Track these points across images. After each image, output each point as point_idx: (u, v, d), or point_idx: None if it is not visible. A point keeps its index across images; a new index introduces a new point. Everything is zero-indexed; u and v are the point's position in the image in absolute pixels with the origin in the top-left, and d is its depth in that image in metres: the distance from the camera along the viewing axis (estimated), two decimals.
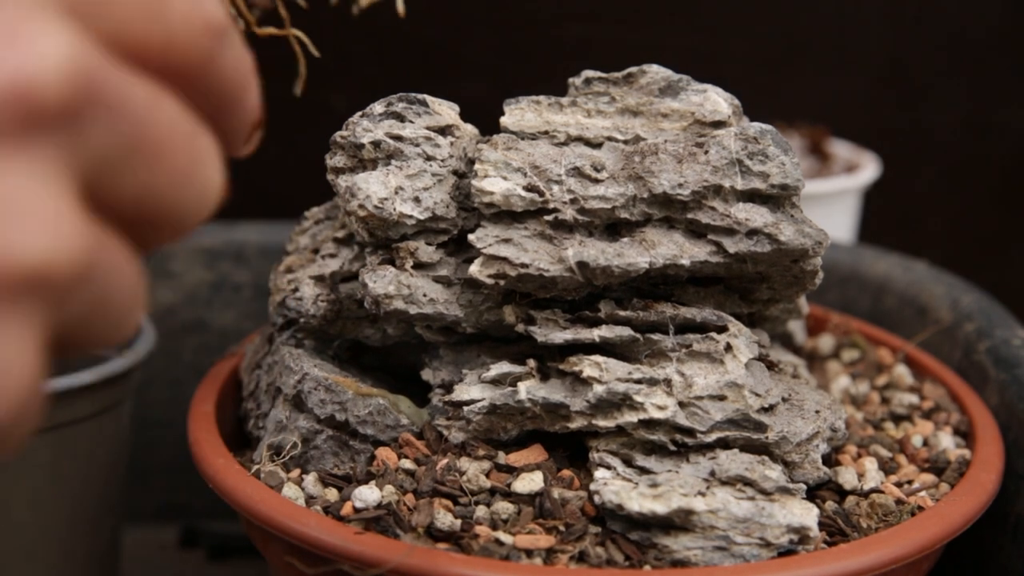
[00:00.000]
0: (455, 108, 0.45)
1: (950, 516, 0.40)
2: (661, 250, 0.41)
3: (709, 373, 0.40)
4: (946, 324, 0.58)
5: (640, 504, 0.37)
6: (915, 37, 1.06)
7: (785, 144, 0.42)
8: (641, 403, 0.39)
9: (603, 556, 0.37)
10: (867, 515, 0.41)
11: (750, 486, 0.39)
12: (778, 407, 0.41)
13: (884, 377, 0.53)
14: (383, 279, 0.42)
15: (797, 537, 0.38)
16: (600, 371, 0.40)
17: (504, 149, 0.42)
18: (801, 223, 0.42)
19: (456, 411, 0.42)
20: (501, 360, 0.42)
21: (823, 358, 0.56)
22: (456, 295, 0.43)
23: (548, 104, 0.44)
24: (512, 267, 0.40)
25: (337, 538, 0.36)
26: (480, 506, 0.39)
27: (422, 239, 0.43)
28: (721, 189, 0.41)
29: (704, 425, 0.40)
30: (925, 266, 0.65)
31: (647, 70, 0.44)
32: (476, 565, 0.35)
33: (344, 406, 0.43)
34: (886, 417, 0.50)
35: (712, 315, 0.42)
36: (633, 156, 0.42)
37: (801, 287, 0.44)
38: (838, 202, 0.86)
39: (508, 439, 0.42)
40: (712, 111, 0.43)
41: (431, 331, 0.44)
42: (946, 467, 0.45)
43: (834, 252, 0.68)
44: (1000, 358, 0.52)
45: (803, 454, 0.41)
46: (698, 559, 0.37)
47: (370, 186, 0.42)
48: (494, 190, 0.41)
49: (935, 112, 1.07)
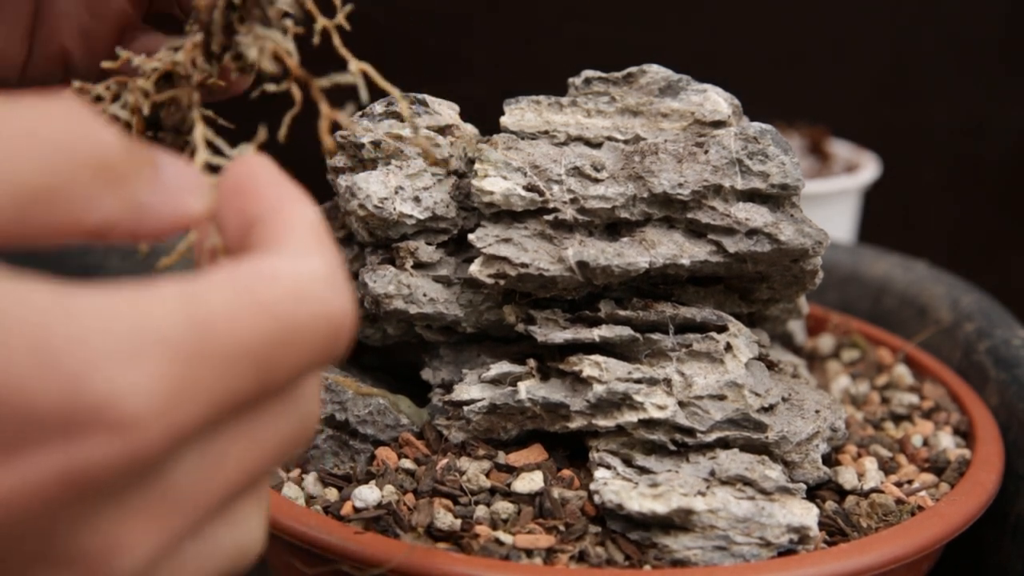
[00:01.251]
0: (455, 108, 0.45)
1: (950, 516, 0.40)
2: (661, 250, 0.41)
3: (709, 373, 0.40)
4: (946, 324, 0.58)
5: (640, 504, 0.37)
6: (915, 37, 1.06)
7: (785, 144, 0.42)
8: (641, 403, 0.39)
9: (603, 556, 0.37)
10: (867, 515, 0.41)
11: (750, 486, 0.39)
12: (778, 407, 0.41)
13: (884, 377, 0.53)
14: (383, 279, 0.42)
15: (797, 537, 0.38)
16: (600, 371, 0.40)
17: (504, 149, 0.42)
18: (801, 223, 0.42)
19: (456, 411, 0.42)
20: (501, 360, 0.42)
21: (823, 358, 0.56)
22: (456, 295, 0.43)
23: (548, 104, 0.44)
24: (512, 267, 0.40)
25: (337, 538, 0.36)
26: (480, 506, 0.39)
27: (422, 239, 0.43)
28: (721, 189, 0.41)
29: (704, 425, 0.40)
30: (925, 266, 0.65)
31: (647, 70, 0.44)
32: (476, 565, 0.35)
33: (344, 406, 0.43)
34: (886, 417, 0.50)
35: (712, 315, 0.42)
36: (633, 156, 0.42)
37: (801, 287, 0.44)
38: (838, 202, 0.86)
39: (508, 439, 0.42)
40: (712, 111, 0.43)
41: (431, 331, 0.44)
42: (946, 467, 0.45)
43: (834, 252, 0.68)
44: (1000, 358, 0.52)
45: (803, 454, 0.41)
46: (698, 559, 0.37)
47: (370, 186, 0.42)
48: (494, 190, 0.41)
49: (935, 112, 1.07)
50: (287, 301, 0.22)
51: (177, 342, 0.20)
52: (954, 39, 1.05)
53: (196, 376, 0.20)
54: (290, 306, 0.22)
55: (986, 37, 1.05)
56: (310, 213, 0.24)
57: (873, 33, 1.06)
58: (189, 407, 0.20)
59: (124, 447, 0.19)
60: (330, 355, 0.23)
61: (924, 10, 1.04)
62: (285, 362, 0.22)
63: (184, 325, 0.20)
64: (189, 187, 0.24)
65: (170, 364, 0.20)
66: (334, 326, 0.23)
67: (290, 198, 0.25)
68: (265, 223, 0.24)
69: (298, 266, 0.23)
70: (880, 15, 1.05)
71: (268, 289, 0.22)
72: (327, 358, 0.23)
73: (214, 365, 0.20)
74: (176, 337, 0.20)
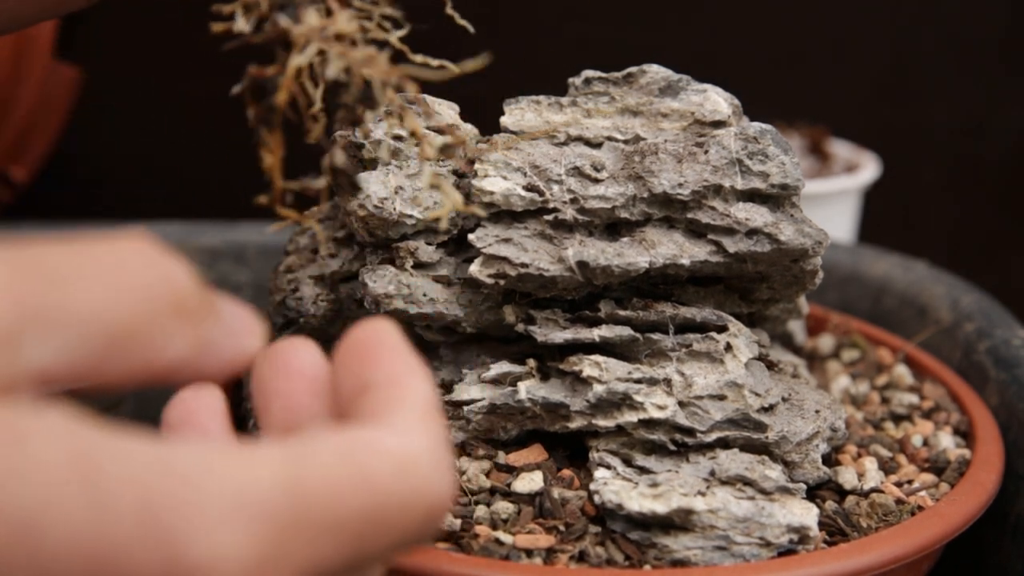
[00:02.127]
0: (455, 108, 0.45)
1: (950, 516, 0.40)
2: (661, 250, 0.41)
3: (709, 373, 0.40)
4: (946, 324, 0.58)
5: (640, 504, 0.37)
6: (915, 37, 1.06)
7: (785, 144, 0.42)
8: (641, 403, 0.39)
9: (603, 556, 0.37)
10: (867, 515, 0.41)
11: (750, 486, 0.39)
12: (778, 407, 0.41)
13: (884, 377, 0.53)
14: (383, 279, 0.42)
15: (797, 537, 0.38)
16: (600, 371, 0.40)
17: (504, 149, 0.42)
18: (801, 223, 0.42)
19: (456, 411, 0.42)
20: (501, 360, 0.42)
21: (823, 358, 0.56)
22: (456, 295, 0.43)
23: (548, 104, 0.44)
24: (512, 267, 0.40)
25: None
26: (480, 506, 0.39)
27: (422, 239, 0.43)
28: (721, 189, 0.41)
29: (704, 425, 0.40)
30: (925, 266, 0.65)
31: (647, 70, 0.44)
32: (476, 565, 0.35)
33: None
34: (886, 417, 0.50)
35: (712, 315, 0.42)
36: (633, 156, 0.42)
37: (801, 287, 0.44)
38: (838, 202, 0.86)
39: (508, 439, 0.42)
40: (712, 111, 0.43)
41: (431, 331, 0.44)
42: (946, 467, 0.45)
43: (834, 252, 0.68)
44: (1000, 358, 0.52)
45: (803, 454, 0.41)
46: (698, 559, 0.37)
47: (370, 186, 0.42)
48: (494, 190, 0.41)
49: (935, 112, 1.07)
50: (390, 477, 0.22)
51: (277, 507, 0.20)
52: (954, 39, 1.05)
53: (290, 544, 0.20)
54: (393, 482, 0.22)
55: (986, 37, 1.05)
56: (425, 389, 0.24)
57: (873, 33, 1.06)
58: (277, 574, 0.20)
59: None
60: (422, 538, 0.23)
61: (924, 10, 1.04)
62: (378, 539, 0.21)
63: (285, 488, 0.20)
64: (247, 327, 0.24)
65: (267, 530, 0.19)
66: (432, 508, 0.22)
67: (408, 371, 0.25)
68: (379, 391, 0.24)
69: (405, 443, 0.22)
70: (880, 15, 1.05)
71: (373, 462, 0.21)
72: (418, 540, 0.23)
73: (310, 534, 0.20)
74: (277, 501, 0.20)
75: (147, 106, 1.05)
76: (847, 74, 1.07)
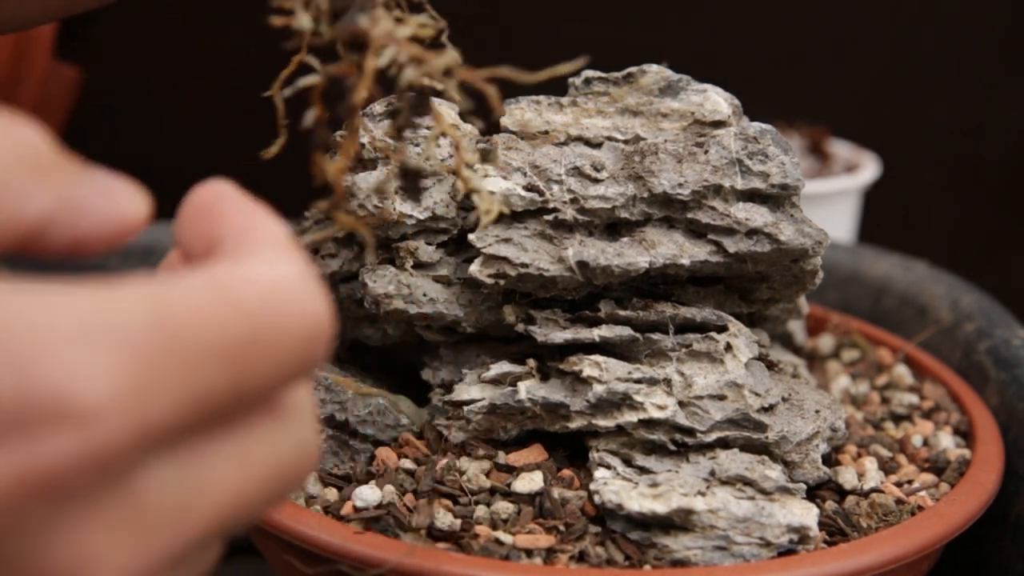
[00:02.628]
0: (455, 108, 0.45)
1: (950, 516, 0.40)
2: (661, 250, 0.41)
3: (709, 373, 0.40)
4: (946, 324, 0.58)
5: (640, 504, 0.37)
6: (915, 37, 1.06)
7: (785, 144, 0.42)
8: (641, 403, 0.39)
9: (603, 556, 0.37)
10: (867, 515, 0.41)
11: (750, 486, 0.39)
12: (778, 407, 0.41)
13: (884, 377, 0.53)
14: (383, 279, 0.42)
15: (797, 537, 0.38)
16: (600, 371, 0.40)
17: (504, 149, 0.42)
18: (801, 223, 0.42)
19: (456, 411, 0.42)
20: (501, 360, 0.42)
21: (823, 358, 0.56)
22: (456, 295, 0.43)
23: (548, 104, 0.44)
24: (512, 267, 0.40)
25: (337, 538, 0.36)
26: (480, 506, 0.39)
27: (422, 239, 0.43)
28: (721, 189, 0.41)
29: (704, 425, 0.40)
30: (925, 266, 0.65)
31: (647, 70, 0.44)
32: (476, 565, 0.35)
33: (344, 406, 0.43)
34: (886, 417, 0.50)
35: (712, 315, 0.42)
36: (633, 156, 0.42)
37: (801, 287, 0.44)
38: (838, 202, 0.86)
39: (508, 439, 0.42)
40: (712, 111, 0.43)
41: (431, 331, 0.44)
42: (946, 467, 0.45)
43: (834, 252, 0.68)
44: (1000, 358, 0.52)
45: (803, 454, 0.41)
46: (698, 559, 0.37)
47: (370, 186, 0.42)
48: (494, 190, 0.41)
49: (935, 112, 1.07)
50: (260, 299, 0.21)
51: (141, 336, 0.19)
52: (954, 39, 1.05)
53: (162, 371, 0.19)
54: (264, 304, 0.21)
55: (986, 37, 1.05)
56: (279, 228, 0.24)
57: (873, 33, 1.06)
58: (154, 403, 0.19)
59: (84, 441, 0.18)
60: (309, 359, 0.22)
61: (924, 10, 1.04)
62: (261, 363, 0.21)
63: (149, 320, 0.19)
64: (123, 190, 0.24)
65: (133, 357, 0.19)
66: (311, 327, 0.22)
67: (258, 216, 0.24)
68: (234, 240, 0.24)
69: (271, 270, 0.22)
70: (880, 15, 1.05)
71: (241, 287, 0.21)
72: (306, 362, 0.22)
73: (182, 361, 0.20)
74: (140, 332, 0.19)
75: (147, 106, 1.05)
76: (847, 74, 1.07)
